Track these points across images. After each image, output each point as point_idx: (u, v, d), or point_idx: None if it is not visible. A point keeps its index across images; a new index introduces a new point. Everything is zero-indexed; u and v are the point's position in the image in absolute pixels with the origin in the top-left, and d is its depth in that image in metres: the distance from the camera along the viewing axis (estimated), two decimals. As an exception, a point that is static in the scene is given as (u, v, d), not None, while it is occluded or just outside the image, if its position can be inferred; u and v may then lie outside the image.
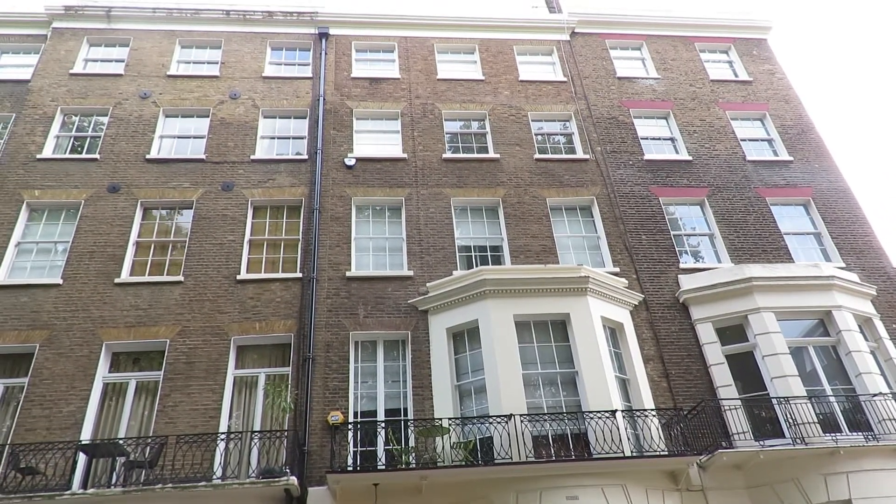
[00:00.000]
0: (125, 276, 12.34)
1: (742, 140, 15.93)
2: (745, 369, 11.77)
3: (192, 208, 13.47)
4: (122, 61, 16.09)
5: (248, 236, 13.16)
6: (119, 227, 12.94)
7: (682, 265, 13.33)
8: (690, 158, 15.26)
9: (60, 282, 12.04)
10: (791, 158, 15.47)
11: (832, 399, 11.12)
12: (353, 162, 14.31)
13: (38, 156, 13.85)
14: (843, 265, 13.50)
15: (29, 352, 11.34)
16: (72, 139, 14.57)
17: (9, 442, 10.23)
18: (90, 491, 9.12)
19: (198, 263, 12.55)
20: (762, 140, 16.14)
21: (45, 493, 9.13)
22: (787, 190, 14.85)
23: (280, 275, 12.53)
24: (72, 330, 11.50)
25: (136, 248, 12.92)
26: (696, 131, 15.89)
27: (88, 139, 14.56)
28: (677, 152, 15.62)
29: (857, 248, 13.92)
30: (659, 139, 15.91)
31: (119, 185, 13.53)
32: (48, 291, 11.93)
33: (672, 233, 13.95)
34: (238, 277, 12.36)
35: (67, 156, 14.01)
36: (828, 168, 15.39)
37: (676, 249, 13.63)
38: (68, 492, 9.15)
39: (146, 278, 12.30)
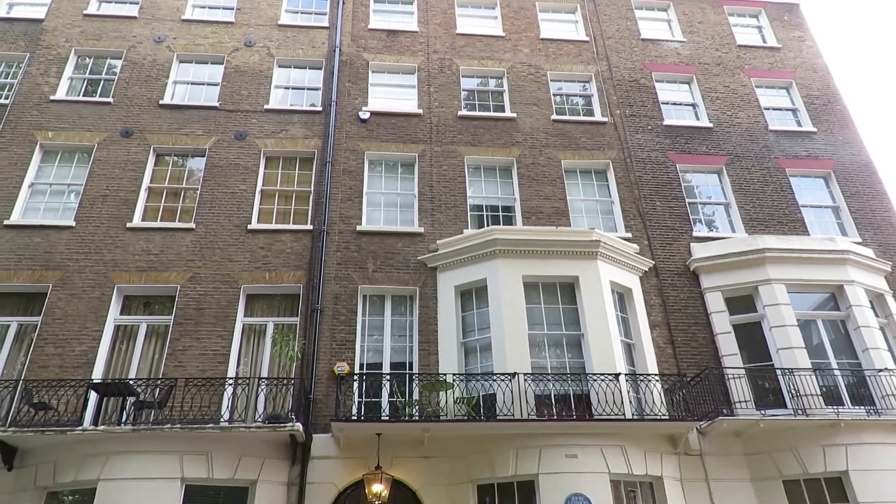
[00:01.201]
0: (137, 220, 12.40)
1: (765, 109, 15.56)
2: (752, 340, 11.75)
3: (204, 156, 13.43)
4: (137, 3, 15.86)
5: (259, 186, 13.13)
6: (131, 172, 12.95)
7: (695, 233, 13.20)
8: (711, 125, 14.95)
9: (73, 224, 12.12)
10: (814, 129, 15.11)
11: (836, 372, 11.11)
12: (367, 116, 14.15)
13: (52, 97, 13.80)
14: (860, 240, 13.31)
15: (42, 291, 11.50)
16: (85, 81, 14.48)
17: (22, 377, 10.47)
18: (101, 428, 9.35)
19: (209, 211, 12.57)
20: (786, 109, 15.76)
21: (58, 427, 9.37)
22: (807, 161, 14.56)
23: (291, 226, 12.54)
24: (84, 272, 11.63)
25: (148, 194, 12.95)
26: (719, 98, 15.53)
27: (102, 82, 14.46)
28: (698, 119, 15.31)
29: (876, 223, 13.70)
30: (680, 104, 15.58)
31: (132, 130, 13.48)
32: (61, 233, 12.03)
33: (687, 200, 13.77)
34: (249, 227, 12.39)
35: (81, 98, 13.95)
36: (851, 141, 15.04)
37: (690, 217, 13.48)
38: (80, 427, 9.38)
39: (158, 224, 12.36)
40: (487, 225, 13.05)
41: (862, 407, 10.78)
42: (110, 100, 13.88)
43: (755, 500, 10.26)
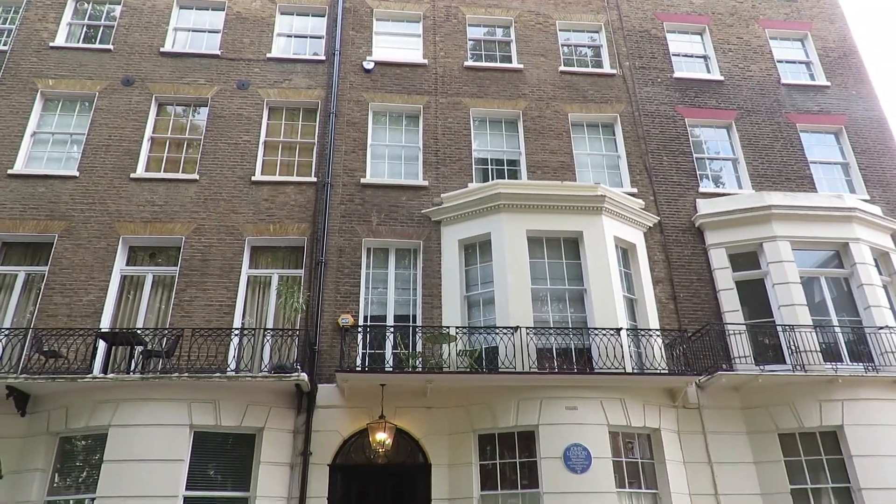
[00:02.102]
0: (140, 171, 12.36)
1: (778, 61, 15.19)
2: (754, 296, 11.80)
3: (207, 106, 13.26)
4: (135, -54, 15.37)
5: (263, 137, 13.01)
6: (134, 122, 12.82)
7: (701, 189, 13.09)
8: (722, 78, 14.63)
9: (77, 174, 12.09)
10: (828, 84, 14.78)
11: (837, 329, 11.19)
12: (371, 66, 13.89)
13: (51, 43, 13.55)
14: (868, 198, 13.19)
15: (48, 241, 11.57)
16: (84, 27, 14.19)
17: (32, 326, 10.63)
18: (111, 376, 9.55)
19: (212, 163, 12.50)
20: (800, 62, 15.39)
21: (68, 375, 9.58)
22: (819, 117, 14.30)
23: (294, 178, 12.48)
24: (89, 222, 11.66)
25: (151, 144, 12.85)
26: (732, 50, 15.15)
27: (102, 28, 14.17)
28: (709, 71, 14.98)
29: (885, 180, 13.55)
30: (691, 56, 15.22)
31: (133, 78, 13.28)
32: (65, 183, 12.01)
33: (695, 156, 13.60)
34: (253, 178, 12.34)
35: (80, 45, 13.71)
36: (865, 96, 14.73)
37: (697, 173, 13.34)
38: (90, 375, 9.60)
39: (161, 175, 12.32)
40: (492, 179, 12.96)
41: (860, 364, 10.90)
42: (110, 47, 13.63)
43: (750, 451, 10.50)
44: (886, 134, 14.21)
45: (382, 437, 9.77)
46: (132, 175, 12.18)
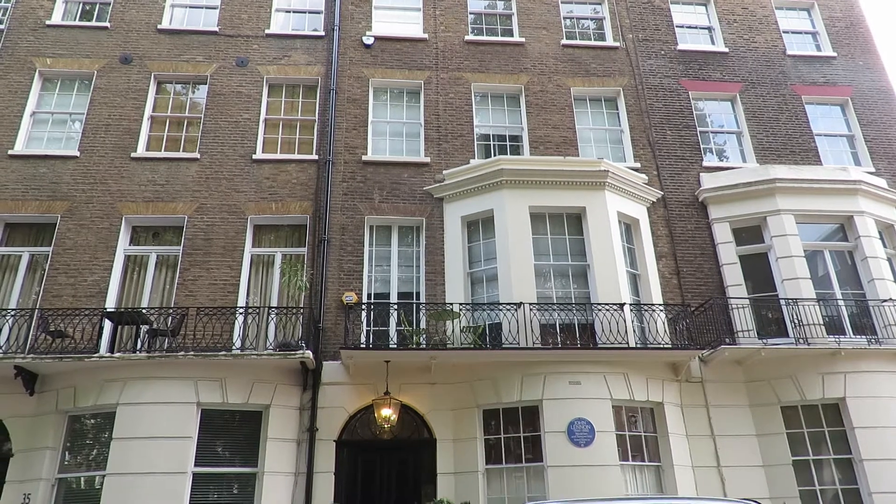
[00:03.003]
0: (141, 150, 12.30)
1: (784, 32, 14.96)
2: (757, 270, 11.78)
3: (206, 84, 13.15)
4: (129, -80, 15.09)
5: (263, 115, 12.92)
6: (133, 101, 12.73)
7: (705, 163, 13.00)
8: (727, 50, 14.43)
9: (78, 154, 12.04)
10: (834, 54, 14.58)
11: (840, 302, 11.19)
12: (371, 41, 13.72)
13: (48, 21, 13.40)
14: (873, 170, 13.09)
15: (51, 222, 11.57)
16: (81, 4, 14.01)
17: (37, 306, 10.69)
18: (117, 355, 9.62)
19: (213, 141, 12.43)
20: (806, 33, 15.16)
21: (75, 354, 9.66)
22: (825, 88, 14.13)
23: (296, 156, 12.42)
24: (91, 202, 11.64)
25: (151, 123, 12.78)
26: (737, 20, 14.92)
27: (98, 5, 13.99)
28: (713, 43, 14.77)
29: (891, 152, 13.43)
30: (695, 28, 14.99)
31: (131, 57, 13.15)
32: (66, 163, 11.97)
33: (698, 129, 13.48)
34: (254, 157, 12.28)
35: (77, 23, 13.55)
36: (872, 66, 14.54)
37: (701, 147, 13.23)
38: (97, 355, 9.67)
39: (162, 154, 12.27)
40: (494, 155, 12.87)
41: (863, 336, 10.92)
42: (107, 24, 13.48)
43: (752, 424, 10.58)
44: (893, 105, 14.05)
45: (388, 413, 9.86)
46: (133, 154, 12.13)
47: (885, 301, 11.03)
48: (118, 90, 12.80)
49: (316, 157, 12.37)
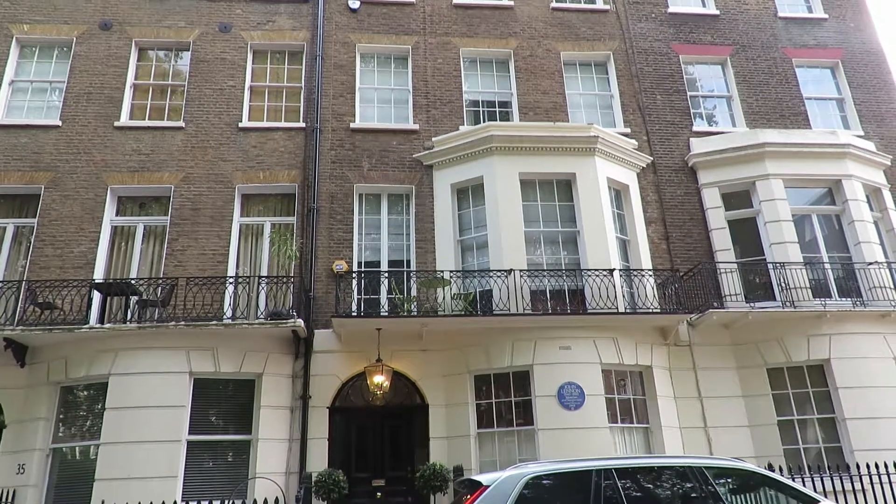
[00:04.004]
0: (125, 119, 12.08)
1: (776, -7, 14.80)
2: (746, 235, 11.86)
3: (188, 50, 12.87)
4: None
5: (248, 82, 12.69)
6: (115, 69, 12.45)
7: (695, 128, 12.96)
8: (717, 13, 14.27)
9: (59, 123, 11.82)
10: (825, 16, 14.46)
11: (826, 266, 11.31)
12: (357, 5, 13.44)
13: (23, -14, 13.00)
14: (862, 133, 13.11)
15: (35, 193, 11.41)
16: (56, -31, 13.57)
17: (25, 278, 10.60)
18: (107, 326, 9.60)
19: (198, 109, 12.22)
20: (797, -6, 15.00)
21: (65, 326, 9.62)
22: (815, 51, 14.04)
23: (283, 124, 12.26)
24: (75, 173, 11.47)
25: (133, 91, 12.53)
26: (728, -18, 14.71)
27: (74, -31, 13.56)
28: (704, 5, 14.59)
29: (880, 115, 13.44)
30: (686, -10, 14.78)
31: (111, 22, 12.82)
32: (48, 133, 11.75)
33: (689, 94, 13.40)
34: (240, 125, 12.11)
35: (53, -13, 13.15)
36: (863, 28, 14.44)
37: (691, 111, 13.17)
38: (87, 326, 9.64)
39: (147, 123, 12.07)
40: (484, 121, 12.76)
41: (849, 299, 11.08)
42: (85, -11, 13.10)
43: (739, 386, 10.77)
44: (884, 67, 14.01)
45: (380, 379, 9.94)
46: (116, 123, 11.92)
47: (870, 264, 11.15)
48: (98, 57, 12.51)
49: (303, 124, 12.22)
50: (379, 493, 9.95)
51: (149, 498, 8.55)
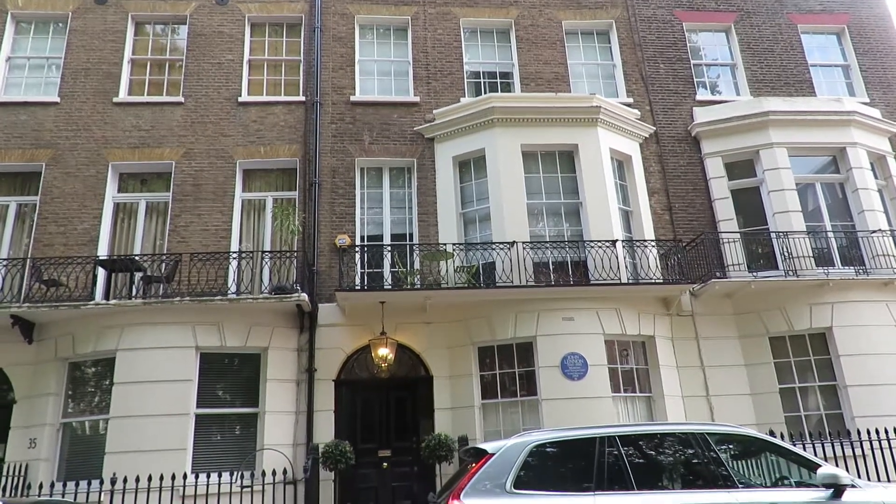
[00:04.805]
0: (123, 95, 12.00)
1: (781, -42, 14.51)
2: (749, 205, 11.82)
3: (185, 24, 12.71)
4: None
5: (247, 56, 12.56)
6: (112, 44, 12.32)
7: (698, 97, 12.82)
8: (722, -21, 14.02)
9: (58, 100, 11.74)
10: (832, -20, 14.20)
11: (830, 234, 11.29)
12: (355, -25, 13.21)
13: (16, -40, 12.80)
14: (868, 100, 12.97)
15: (36, 170, 11.39)
16: (49, -59, 13.35)
17: (29, 256, 10.64)
18: (113, 302, 9.67)
19: (197, 84, 12.12)
20: (803, -42, 14.70)
21: (71, 302, 9.68)
22: (821, 17, 13.82)
23: (282, 98, 12.16)
24: (76, 149, 11.43)
25: (131, 67, 12.41)
26: (733, -53, 14.41)
27: (67, -58, 13.33)
28: (708, -29, 14.31)
29: (886, 82, 13.27)
30: (690, -45, 14.49)
31: (106, -4, 12.65)
32: (47, 110, 11.68)
33: (692, 62, 13.23)
34: (239, 99, 12.01)
35: (47, -39, 12.95)
36: (870, -8, 14.19)
37: (695, 80, 13.02)
38: (92, 302, 9.71)
39: (146, 98, 11.98)
40: (485, 92, 12.64)
41: (851, 267, 11.08)
42: (78, -38, 12.90)
43: (741, 354, 10.84)
44: (891, 33, 13.79)
45: (385, 352, 10.02)
46: (115, 99, 11.84)
47: (873, 232, 11.13)
48: (95, 32, 12.37)
49: (303, 98, 12.12)
50: (385, 464, 10.11)
51: (159, 470, 8.69)
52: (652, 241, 10.96)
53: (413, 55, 12.72)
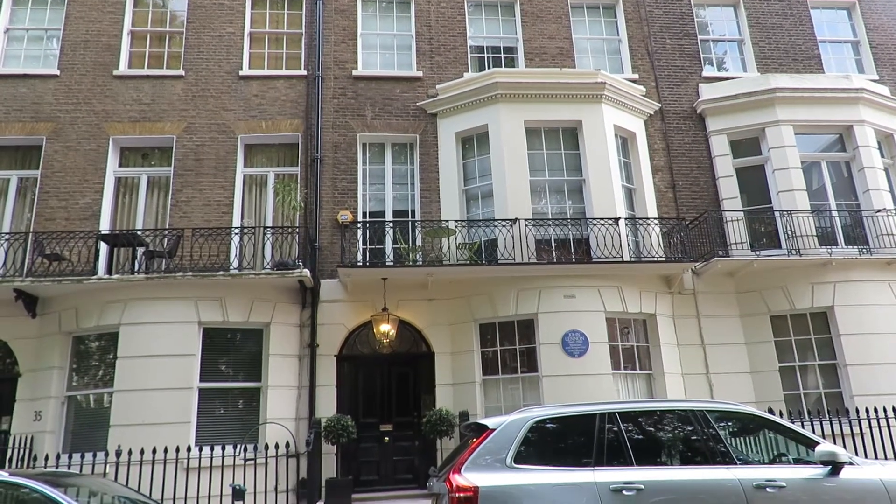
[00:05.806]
0: (123, 68, 11.88)
1: (792, -70, 14.20)
2: (753, 183, 11.74)
3: (186, -5, 12.53)
4: None
5: (248, 29, 12.39)
6: (111, 15, 12.16)
7: (704, 74, 12.66)
8: (731, -49, 13.73)
9: (58, 73, 11.63)
10: (843, -46, 13.92)
11: (834, 214, 11.23)
12: (357, -54, 12.96)
13: (12, -71, 12.58)
14: (877, 77, 12.80)
15: (37, 144, 11.33)
16: None
17: (31, 230, 10.64)
18: (115, 276, 9.69)
19: (197, 57, 11.99)
20: (815, -69, 14.38)
21: (74, 276, 9.71)
22: (831, -9, 13.58)
23: (284, 72, 12.03)
24: (76, 123, 11.36)
25: (131, 39, 12.26)
26: (743, -82, 14.10)
27: (64, -90, 13.09)
28: (718, -56, 14.02)
29: None
30: (699, -73, 14.18)
31: (105, -34, 12.44)
32: (46, 82, 11.58)
33: (699, 38, 13.04)
34: (241, 73, 11.89)
35: (44, -70, 12.72)
36: (882, -34, 13.91)
37: (701, 56, 12.84)
38: (95, 276, 9.73)
39: (146, 71, 11.86)
40: (489, 67, 12.49)
41: (855, 246, 11.04)
42: (76, -69, 12.66)
43: (742, 333, 10.86)
44: (901, 9, 13.56)
45: (386, 328, 10.06)
46: (115, 72, 11.73)
47: (878, 211, 11.07)
48: (94, 4, 12.20)
49: (305, 72, 11.99)
50: (387, 438, 10.22)
51: (164, 443, 8.79)
52: (655, 219, 10.92)
53: (416, 29, 12.54)
